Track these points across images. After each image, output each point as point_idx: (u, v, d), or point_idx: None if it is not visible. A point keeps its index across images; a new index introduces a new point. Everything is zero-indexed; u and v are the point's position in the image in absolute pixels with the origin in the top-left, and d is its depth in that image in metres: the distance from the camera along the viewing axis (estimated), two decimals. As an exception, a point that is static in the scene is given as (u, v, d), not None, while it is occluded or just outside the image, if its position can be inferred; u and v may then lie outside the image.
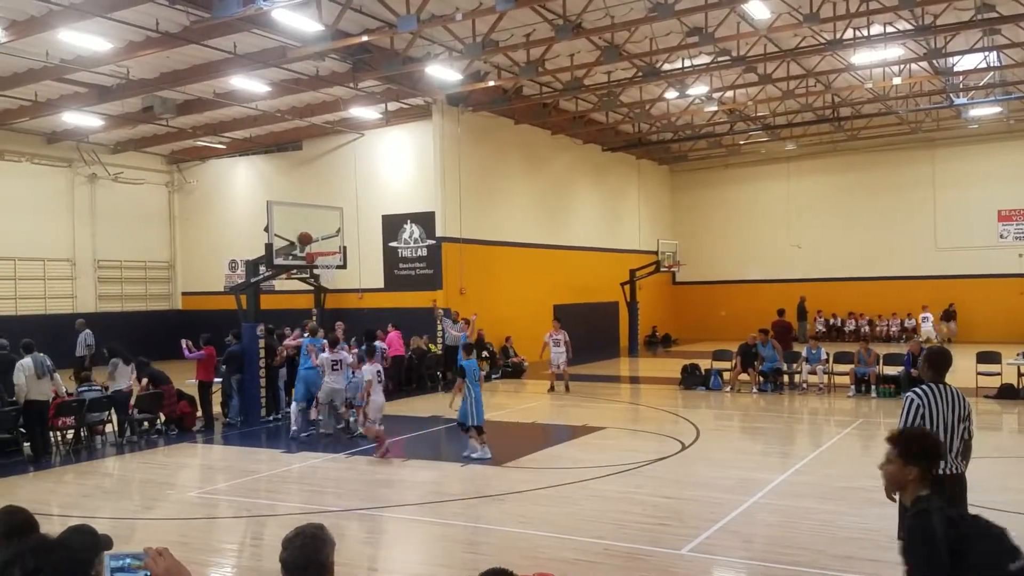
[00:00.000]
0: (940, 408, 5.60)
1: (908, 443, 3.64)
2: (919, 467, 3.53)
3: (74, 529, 4.21)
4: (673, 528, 8.30)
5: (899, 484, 3.58)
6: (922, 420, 5.58)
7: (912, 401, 5.65)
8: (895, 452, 3.60)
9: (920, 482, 3.51)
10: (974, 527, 3.33)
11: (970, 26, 18.31)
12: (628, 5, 17.00)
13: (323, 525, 3.17)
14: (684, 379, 19.70)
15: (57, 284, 26.52)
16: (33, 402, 12.37)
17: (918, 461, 3.52)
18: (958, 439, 5.62)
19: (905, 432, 3.93)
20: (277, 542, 3.02)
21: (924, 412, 5.60)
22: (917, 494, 3.49)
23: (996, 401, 16.54)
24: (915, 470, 3.53)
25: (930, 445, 3.65)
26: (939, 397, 5.63)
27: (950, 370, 5.91)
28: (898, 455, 3.58)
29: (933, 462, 3.55)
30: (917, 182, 31.56)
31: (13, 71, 19.43)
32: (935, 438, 3.94)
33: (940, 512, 3.33)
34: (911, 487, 3.53)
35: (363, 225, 24.19)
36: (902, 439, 3.71)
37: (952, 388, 5.76)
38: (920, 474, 3.52)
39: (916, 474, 3.53)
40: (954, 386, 5.78)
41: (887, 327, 32.04)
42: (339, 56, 18.54)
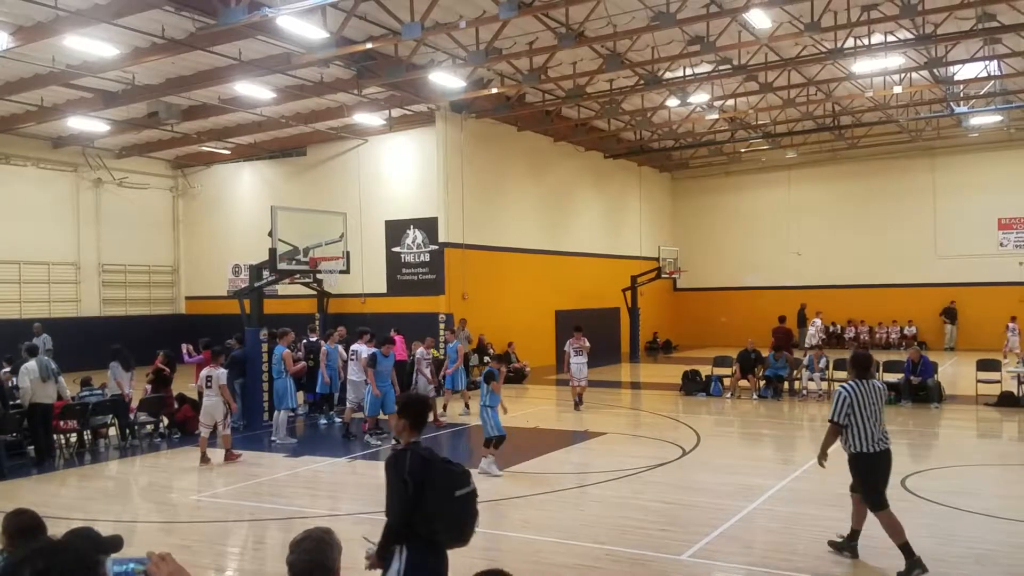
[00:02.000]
0: (865, 399, 7.00)
1: (403, 404, 4.85)
2: (406, 419, 4.60)
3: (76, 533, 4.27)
4: (674, 533, 8.35)
5: (398, 431, 4.65)
6: (850, 409, 6.97)
7: (841, 394, 7.08)
8: (397, 411, 4.76)
9: (411, 431, 4.55)
10: (441, 464, 4.39)
11: (971, 35, 18.39)
12: (630, 14, 17.11)
13: (331, 529, 3.22)
14: (685, 385, 19.75)
15: (61, 288, 26.64)
16: (37, 405, 12.44)
17: (406, 416, 4.59)
18: (882, 423, 7.08)
19: (402, 397, 5.48)
20: (279, 546, 3.09)
21: (851, 402, 6.98)
22: (410, 440, 4.51)
23: (996, 409, 16.58)
24: (404, 422, 4.60)
25: (415, 404, 4.73)
26: (864, 391, 7.03)
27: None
28: (398, 412, 4.74)
29: (419, 418, 4.61)
30: (917, 190, 31.64)
31: (20, 76, 19.56)
32: (419, 397, 5.12)
33: (415, 453, 4.36)
34: (406, 434, 4.55)
35: (366, 230, 24.29)
36: (399, 402, 5.11)
37: (874, 382, 7.23)
38: (407, 425, 4.56)
39: (405, 424, 4.59)
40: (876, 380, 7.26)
41: (887, 334, 32.08)
42: (343, 63, 18.65)
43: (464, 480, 4.36)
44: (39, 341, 20.46)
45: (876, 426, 7.05)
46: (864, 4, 17.25)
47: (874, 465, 7.10)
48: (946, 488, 10.04)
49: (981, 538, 8.09)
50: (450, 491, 4.28)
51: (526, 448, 13.40)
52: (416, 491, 4.25)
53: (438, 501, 4.25)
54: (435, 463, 4.37)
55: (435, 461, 4.38)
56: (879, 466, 7.15)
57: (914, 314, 31.48)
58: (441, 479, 4.30)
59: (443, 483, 4.29)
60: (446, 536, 4.35)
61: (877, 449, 7.05)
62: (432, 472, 4.31)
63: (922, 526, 8.46)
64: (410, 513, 4.28)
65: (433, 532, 4.30)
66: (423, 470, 4.29)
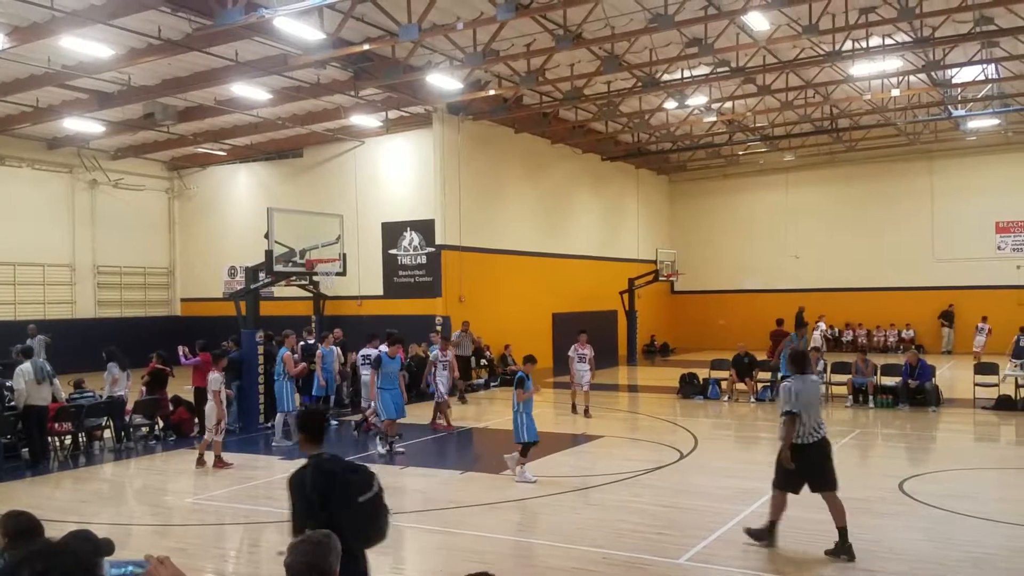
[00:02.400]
0: (807, 392, 7.76)
1: (301, 419, 5.05)
2: (305, 433, 4.82)
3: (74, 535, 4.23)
4: (671, 537, 8.31)
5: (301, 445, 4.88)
6: (796, 400, 7.66)
7: (789, 387, 7.79)
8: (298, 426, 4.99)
9: (311, 443, 4.72)
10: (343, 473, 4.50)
11: (969, 39, 18.41)
12: (628, 16, 17.09)
13: (331, 533, 3.18)
14: (682, 388, 19.72)
15: (57, 290, 26.55)
16: (32, 407, 12.37)
17: (305, 430, 4.82)
18: (819, 414, 7.83)
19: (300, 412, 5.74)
20: (274, 549, 3.04)
21: (795, 398, 7.68)
22: (312, 452, 4.67)
23: (994, 412, 16.55)
24: (303, 436, 4.82)
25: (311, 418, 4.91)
26: (804, 385, 7.80)
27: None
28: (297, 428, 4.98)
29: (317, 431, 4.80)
30: (915, 193, 31.67)
31: (15, 77, 19.50)
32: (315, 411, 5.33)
33: (316, 468, 4.51)
34: (308, 447, 4.73)
35: (363, 232, 24.25)
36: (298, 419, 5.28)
37: (811, 377, 8.05)
38: (306, 438, 4.78)
39: (304, 438, 4.81)
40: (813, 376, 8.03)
41: (885, 337, 32.09)
42: (340, 64, 18.60)
43: (367, 485, 4.48)
44: (34, 343, 20.44)
45: (812, 418, 7.71)
46: (862, 7, 17.25)
47: (805, 453, 7.67)
48: (944, 492, 10.01)
49: (979, 542, 8.06)
50: (354, 498, 4.41)
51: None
52: (322, 503, 4.39)
53: (344, 509, 4.39)
54: (337, 473, 4.51)
55: (337, 471, 4.52)
56: (810, 454, 7.70)
57: (912, 317, 31.49)
58: (344, 488, 4.43)
59: (346, 491, 4.42)
60: (355, 541, 4.40)
61: (812, 440, 7.69)
62: (335, 482, 4.44)
63: (920, 530, 8.44)
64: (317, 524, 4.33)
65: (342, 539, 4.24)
66: (326, 483, 4.43)
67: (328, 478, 4.46)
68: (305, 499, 4.46)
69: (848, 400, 17.60)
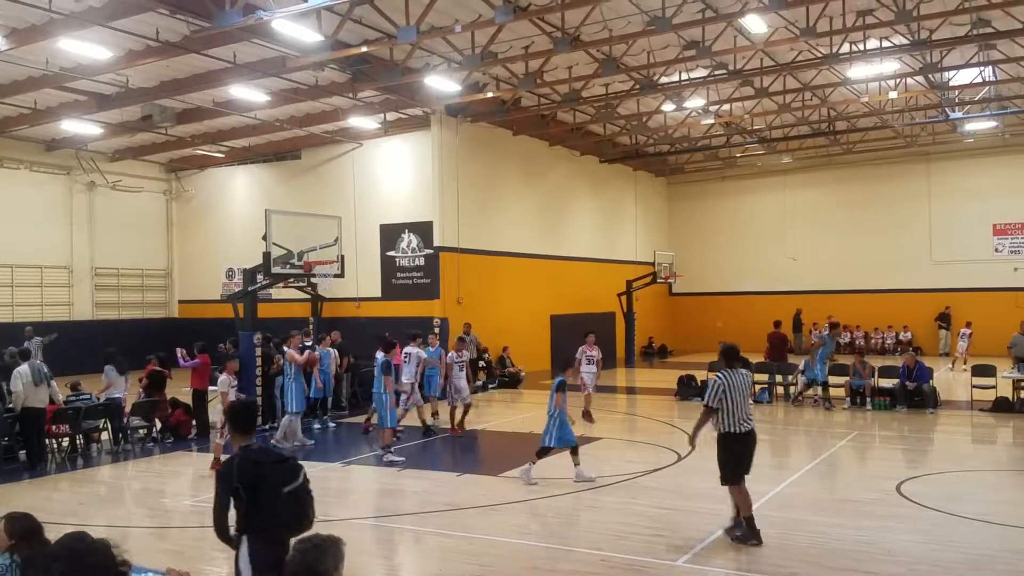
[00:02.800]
0: (734, 386, 8.06)
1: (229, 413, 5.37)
2: (232, 426, 5.14)
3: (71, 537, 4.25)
4: (669, 539, 8.32)
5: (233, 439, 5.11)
6: (723, 395, 8.00)
7: (715, 382, 8.15)
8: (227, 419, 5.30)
9: (240, 436, 5.00)
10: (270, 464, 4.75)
11: (966, 41, 18.44)
12: (626, 18, 17.11)
13: (338, 539, 3.20)
14: (680, 390, 19.73)
15: (54, 291, 26.52)
16: (30, 409, 12.35)
17: (232, 423, 5.15)
18: (748, 406, 8.20)
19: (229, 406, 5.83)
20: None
21: (724, 389, 8.03)
22: (241, 444, 4.93)
23: (991, 414, 16.57)
24: (236, 433, 5.09)
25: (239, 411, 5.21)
26: (733, 379, 8.10)
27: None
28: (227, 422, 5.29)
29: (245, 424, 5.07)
30: (913, 195, 31.71)
31: (13, 79, 19.48)
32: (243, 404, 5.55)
33: (243, 459, 4.76)
34: (236, 439, 5.02)
35: (361, 234, 24.25)
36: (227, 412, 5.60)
37: (741, 371, 8.29)
38: (234, 430, 5.09)
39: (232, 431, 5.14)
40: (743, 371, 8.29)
41: (882, 339, 32.12)
42: (338, 66, 18.61)
43: (292, 476, 4.77)
44: (31, 345, 20.45)
45: (741, 410, 8.12)
46: (859, 10, 17.29)
47: (737, 443, 8.16)
48: (942, 494, 10.02)
49: (977, 544, 8.07)
50: (278, 488, 4.68)
51: (521, 453, 13.33)
52: (249, 493, 4.67)
53: (268, 499, 4.67)
54: (264, 464, 4.76)
55: (264, 462, 4.78)
56: (741, 445, 8.19)
57: (909, 319, 31.52)
58: (270, 478, 4.70)
59: (272, 482, 4.69)
60: (279, 530, 4.69)
61: (742, 430, 8.13)
62: (261, 473, 4.70)
63: (918, 532, 8.45)
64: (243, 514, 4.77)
65: (267, 527, 4.69)
66: (252, 473, 4.69)
67: (254, 468, 4.71)
68: (232, 488, 4.72)
69: (846, 402, 17.61)
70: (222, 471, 4.89)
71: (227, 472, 4.81)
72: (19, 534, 4.21)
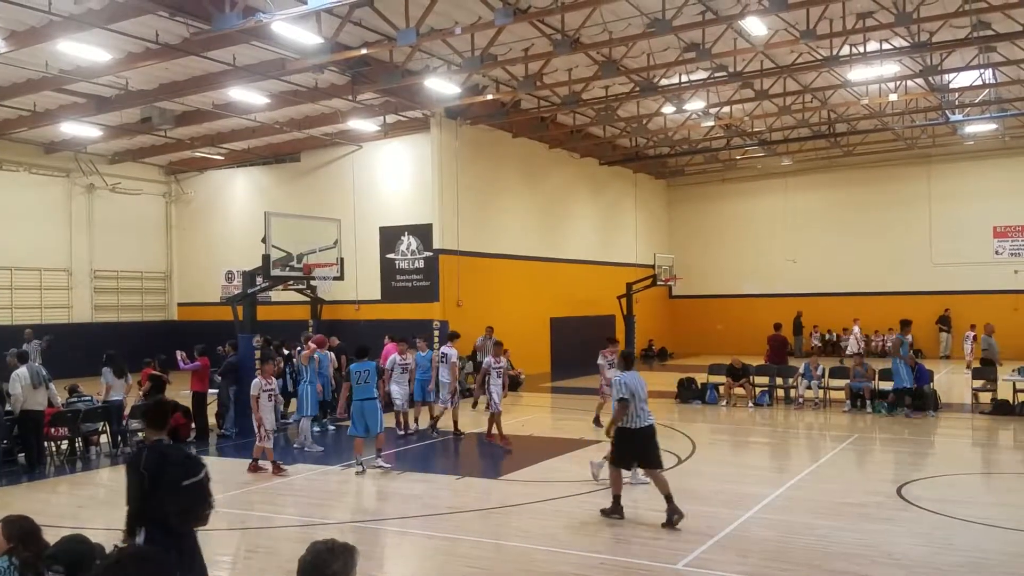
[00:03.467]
0: (635, 385, 9.09)
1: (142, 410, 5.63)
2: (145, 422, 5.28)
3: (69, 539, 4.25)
4: (669, 542, 8.29)
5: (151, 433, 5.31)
6: (628, 391, 8.97)
7: (620, 380, 9.17)
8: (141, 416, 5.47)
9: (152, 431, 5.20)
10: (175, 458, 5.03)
11: (966, 44, 18.44)
12: (626, 21, 17.11)
13: (353, 548, 3.21)
14: (680, 393, 19.69)
15: (53, 294, 26.50)
16: (29, 412, 12.33)
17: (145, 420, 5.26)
18: (644, 404, 9.13)
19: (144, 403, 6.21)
20: (271, 555, 3.04)
21: (625, 388, 9.01)
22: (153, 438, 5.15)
23: (991, 417, 16.55)
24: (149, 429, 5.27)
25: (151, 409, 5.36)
26: (634, 379, 9.16)
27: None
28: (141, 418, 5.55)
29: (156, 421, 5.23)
30: (913, 198, 31.70)
31: (12, 81, 19.49)
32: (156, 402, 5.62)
33: (151, 450, 5.05)
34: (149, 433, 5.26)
35: (360, 237, 24.24)
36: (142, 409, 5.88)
37: (635, 373, 9.37)
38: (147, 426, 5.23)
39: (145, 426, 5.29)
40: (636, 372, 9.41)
41: (883, 342, 32.05)
42: (338, 69, 18.61)
43: (194, 471, 5.03)
44: (30, 347, 20.42)
45: (639, 407, 9.05)
46: (859, 12, 17.28)
47: (635, 436, 9.06)
48: (942, 496, 10.00)
49: (978, 547, 8.04)
50: (178, 482, 4.93)
51: (521, 456, 13.32)
52: (152, 483, 4.94)
53: (168, 490, 4.93)
54: (169, 457, 5.05)
55: (169, 456, 5.07)
56: (640, 437, 9.08)
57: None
58: (172, 471, 4.95)
59: (173, 475, 4.94)
60: (177, 520, 4.98)
61: (641, 425, 9.07)
62: (165, 465, 4.97)
63: (918, 535, 8.42)
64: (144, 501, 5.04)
65: (165, 517, 4.96)
66: (157, 465, 4.96)
67: (160, 461, 4.99)
68: (138, 478, 5.01)
69: (846, 405, 17.57)
70: (131, 460, 5.16)
71: (135, 461, 5.11)
72: (17, 536, 4.23)
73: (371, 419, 11.83)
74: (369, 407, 11.86)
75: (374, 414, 11.86)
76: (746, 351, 21.93)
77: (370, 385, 11.99)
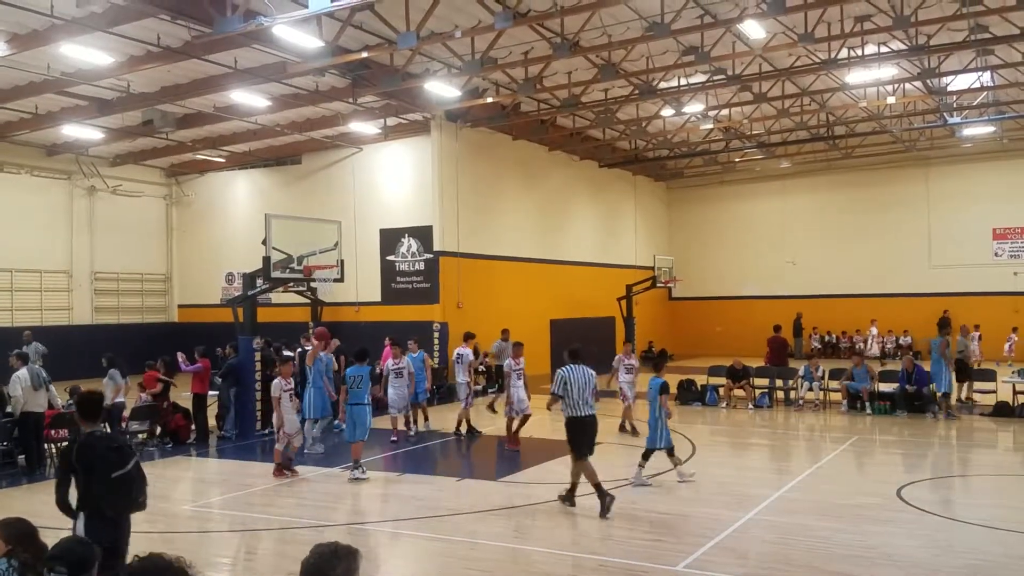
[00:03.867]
0: (576, 378, 9.59)
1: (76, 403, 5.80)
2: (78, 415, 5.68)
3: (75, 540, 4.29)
4: (669, 544, 8.32)
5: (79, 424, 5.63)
6: (565, 385, 9.56)
7: (560, 374, 9.69)
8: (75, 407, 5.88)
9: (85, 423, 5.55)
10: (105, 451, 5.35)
11: (964, 46, 18.48)
12: (625, 24, 17.15)
13: (356, 550, 3.25)
14: (680, 395, 19.70)
15: (54, 296, 26.53)
16: (29, 414, 12.35)
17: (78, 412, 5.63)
18: (591, 395, 9.68)
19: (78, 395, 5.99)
20: (272, 556, 3.07)
21: (566, 380, 9.60)
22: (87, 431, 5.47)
23: (991, 419, 16.58)
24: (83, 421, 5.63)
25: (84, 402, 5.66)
26: (575, 372, 9.65)
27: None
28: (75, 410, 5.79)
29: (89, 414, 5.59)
30: (911, 200, 31.75)
31: (14, 84, 19.52)
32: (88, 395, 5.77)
33: (83, 444, 5.37)
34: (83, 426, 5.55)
35: (361, 239, 24.27)
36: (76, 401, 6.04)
37: (583, 366, 9.76)
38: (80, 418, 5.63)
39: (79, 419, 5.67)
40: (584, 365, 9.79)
41: (882, 344, 32.10)
42: (339, 72, 18.65)
43: (123, 463, 5.38)
44: (30, 349, 20.43)
45: (583, 398, 9.58)
46: (858, 15, 17.33)
47: (580, 426, 9.58)
48: (942, 498, 10.04)
49: (978, 549, 8.07)
50: (108, 473, 5.29)
51: (521, 458, 13.35)
52: (84, 475, 5.31)
53: (100, 481, 5.30)
54: (100, 450, 5.38)
55: (100, 448, 5.39)
56: (584, 426, 9.60)
57: (909, 324, 31.50)
58: (102, 464, 5.30)
59: (103, 467, 5.30)
60: (110, 510, 5.33)
61: (583, 414, 9.57)
62: (96, 458, 5.32)
63: (918, 536, 8.45)
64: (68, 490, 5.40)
65: (98, 506, 5.32)
66: (88, 456, 5.31)
67: (90, 452, 5.33)
68: (70, 468, 5.36)
69: (843, 405, 17.59)
70: (64, 452, 5.51)
71: (67, 454, 5.45)
72: (15, 538, 4.26)
73: (359, 424, 11.71)
74: (358, 412, 11.74)
75: (363, 420, 11.74)
76: (746, 353, 21.93)
77: (362, 391, 11.86)
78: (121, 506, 5.42)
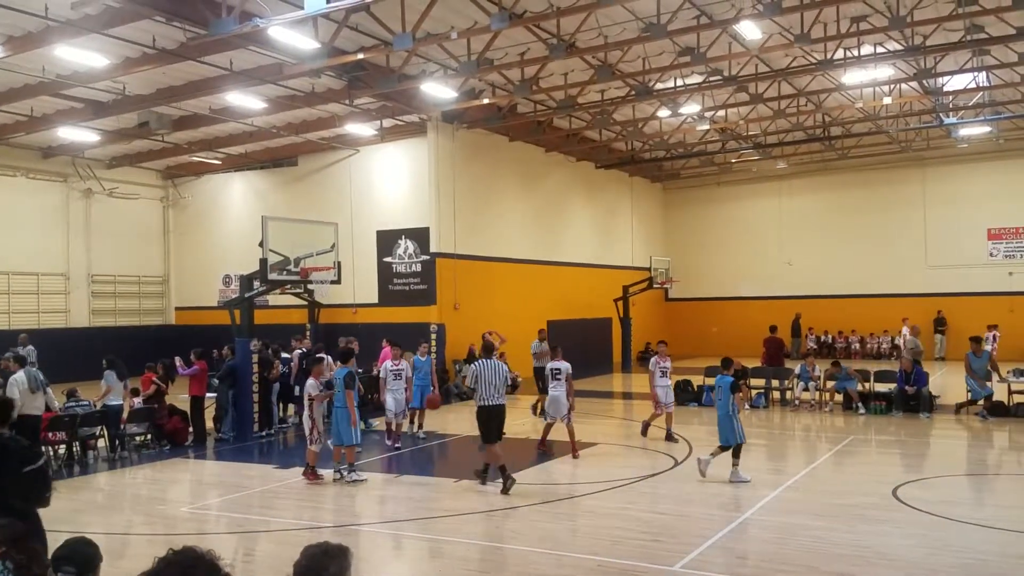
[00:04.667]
0: (487, 371, 10.82)
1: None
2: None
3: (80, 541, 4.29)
4: (666, 544, 8.33)
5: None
6: (477, 376, 10.79)
7: (472, 368, 11.02)
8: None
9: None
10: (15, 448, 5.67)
11: (959, 47, 18.54)
12: (621, 25, 17.19)
13: (347, 548, 3.24)
14: (677, 395, 19.71)
15: (51, 299, 26.49)
16: (26, 417, 12.30)
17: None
18: (501, 386, 10.93)
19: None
20: (269, 558, 3.07)
21: (479, 374, 10.82)
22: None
23: (986, 419, 16.58)
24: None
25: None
26: (487, 366, 10.87)
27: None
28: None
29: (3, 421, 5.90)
30: (907, 200, 31.83)
31: (9, 86, 19.49)
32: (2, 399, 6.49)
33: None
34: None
35: (358, 240, 24.26)
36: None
37: (495, 361, 11.09)
38: None
39: None
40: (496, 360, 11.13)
41: (878, 344, 32.17)
42: (335, 73, 18.65)
43: (33, 459, 5.73)
44: (26, 351, 20.37)
45: (492, 389, 10.79)
46: (854, 16, 17.38)
47: (488, 413, 10.82)
48: (937, 498, 10.05)
49: (973, 548, 8.09)
50: (19, 468, 5.53)
51: (518, 459, 13.34)
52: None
53: (9, 476, 5.51)
54: (9, 447, 5.69)
55: (9, 446, 5.71)
56: (491, 414, 10.83)
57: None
58: (12, 458, 5.56)
59: (13, 461, 5.55)
60: (20, 503, 5.49)
61: (491, 403, 10.81)
62: (6, 454, 5.57)
63: (914, 536, 8.47)
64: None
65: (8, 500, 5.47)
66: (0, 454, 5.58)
67: (1, 452, 5.58)
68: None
69: (827, 405, 17.78)
70: None
71: None
72: (9, 541, 4.23)
73: (343, 429, 11.40)
74: (339, 416, 11.46)
75: (345, 423, 11.38)
76: (742, 353, 21.93)
77: (340, 393, 11.54)
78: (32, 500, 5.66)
